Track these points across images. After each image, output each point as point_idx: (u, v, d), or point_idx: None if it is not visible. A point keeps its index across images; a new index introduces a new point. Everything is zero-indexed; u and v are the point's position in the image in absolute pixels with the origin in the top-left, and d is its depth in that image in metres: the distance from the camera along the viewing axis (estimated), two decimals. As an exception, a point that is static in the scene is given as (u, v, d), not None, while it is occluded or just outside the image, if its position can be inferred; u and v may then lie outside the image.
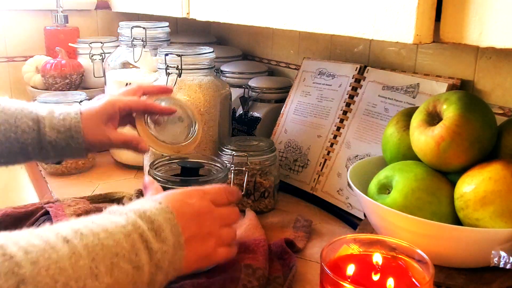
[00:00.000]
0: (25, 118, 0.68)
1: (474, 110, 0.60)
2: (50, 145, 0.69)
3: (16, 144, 0.68)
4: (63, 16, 1.27)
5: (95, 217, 0.47)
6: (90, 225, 0.44)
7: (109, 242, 0.43)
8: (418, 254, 0.50)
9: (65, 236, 0.41)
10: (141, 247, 0.46)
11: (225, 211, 0.59)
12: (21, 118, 0.68)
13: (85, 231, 0.43)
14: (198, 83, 0.87)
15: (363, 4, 0.51)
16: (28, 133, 0.68)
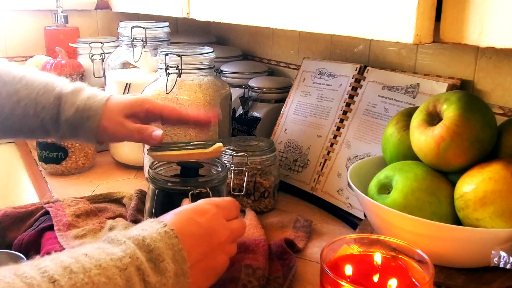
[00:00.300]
0: (47, 94, 0.66)
1: (474, 110, 0.60)
2: (66, 123, 0.67)
3: (35, 120, 0.66)
4: (63, 16, 1.27)
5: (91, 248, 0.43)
6: (82, 260, 0.41)
7: (100, 279, 0.40)
8: (418, 254, 0.50)
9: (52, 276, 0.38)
10: (136, 281, 0.42)
11: (236, 226, 0.57)
12: (43, 94, 0.66)
13: (75, 268, 0.39)
14: (198, 83, 0.87)
15: (363, 4, 0.51)
16: (48, 109, 0.66)
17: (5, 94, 0.65)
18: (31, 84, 0.66)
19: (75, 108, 0.67)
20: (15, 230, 0.75)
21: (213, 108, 0.73)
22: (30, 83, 0.66)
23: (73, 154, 0.99)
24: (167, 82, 0.86)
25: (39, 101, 0.66)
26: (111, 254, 0.42)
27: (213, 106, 0.87)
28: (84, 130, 0.68)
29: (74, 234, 0.71)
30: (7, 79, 0.66)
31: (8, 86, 0.65)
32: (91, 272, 0.40)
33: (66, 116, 0.67)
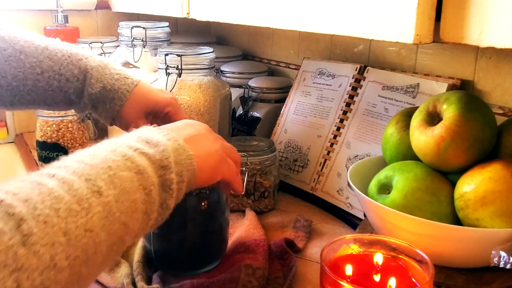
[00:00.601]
0: (71, 66, 0.65)
1: (474, 110, 0.60)
2: (89, 97, 0.66)
3: (59, 93, 0.65)
4: (63, 16, 1.27)
5: None
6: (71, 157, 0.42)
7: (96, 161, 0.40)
8: (418, 254, 0.50)
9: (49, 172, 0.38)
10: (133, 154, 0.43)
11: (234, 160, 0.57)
12: (67, 66, 0.65)
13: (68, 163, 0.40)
14: (198, 83, 0.87)
15: (363, 4, 0.51)
16: (72, 82, 0.65)
17: (28, 65, 0.63)
18: (54, 55, 0.65)
19: (101, 86, 0.65)
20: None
21: None
22: (53, 54, 0.65)
23: (73, 154, 0.99)
24: (167, 82, 0.86)
25: (63, 73, 0.64)
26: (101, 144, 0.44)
27: (213, 106, 0.87)
28: (105, 109, 0.67)
29: (74, 234, 0.71)
30: (29, 50, 0.64)
31: (30, 57, 0.64)
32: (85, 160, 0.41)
33: (91, 91, 0.65)
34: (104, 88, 0.66)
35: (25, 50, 0.64)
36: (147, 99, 0.68)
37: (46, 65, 0.64)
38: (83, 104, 0.67)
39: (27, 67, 0.63)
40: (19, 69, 0.63)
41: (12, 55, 0.63)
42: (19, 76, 0.64)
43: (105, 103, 0.66)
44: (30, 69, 0.64)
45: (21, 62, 0.63)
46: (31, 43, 0.65)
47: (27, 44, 0.65)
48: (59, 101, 0.66)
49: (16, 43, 0.64)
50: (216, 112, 0.88)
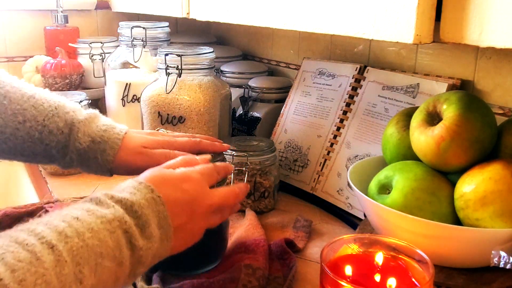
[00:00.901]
0: (56, 118, 0.63)
1: (474, 110, 0.60)
2: (77, 152, 0.63)
3: (39, 145, 0.63)
4: (63, 16, 1.27)
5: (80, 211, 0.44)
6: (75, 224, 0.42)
7: (94, 242, 0.42)
8: (418, 254, 0.50)
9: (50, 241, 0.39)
10: (124, 244, 0.44)
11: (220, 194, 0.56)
12: (52, 117, 0.62)
13: (70, 232, 0.41)
14: (198, 83, 0.87)
15: (363, 4, 0.51)
16: (55, 135, 0.63)
17: (10, 112, 0.61)
18: (40, 104, 0.63)
19: (90, 139, 0.63)
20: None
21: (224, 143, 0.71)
22: (39, 104, 0.63)
23: (73, 154, 0.99)
24: (167, 82, 0.86)
25: (47, 125, 0.62)
26: (101, 217, 0.44)
27: (213, 106, 0.87)
28: (97, 163, 0.64)
29: (74, 234, 0.71)
30: (14, 96, 0.62)
31: (14, 104, 0.62)
32: (85, 236, 0.42)
33: (79, 146, 0.63)
34: (93, 142, 0.63)
35: (10, 95, 0.62)
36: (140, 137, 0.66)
37: (29, 114, 0.62)
38: (68, 159, 0.64)
39: (9, 114, 0.61)
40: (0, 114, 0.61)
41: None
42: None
43: (97, 157, 0.63)
44: (12, 116, 0.61)
45: (3, 107, 0.61)
46: (18, 89, 0.63)
47: (13, 90, 0.62)
48: (38, 153, 0.63)
49: (2, 88, 0.62)
50: (216, 112, 0.88)
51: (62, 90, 1.18)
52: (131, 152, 0.64)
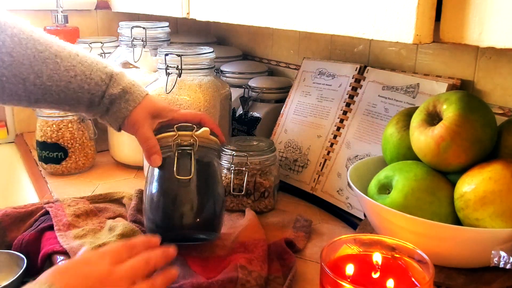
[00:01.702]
0: (99, 72, 0.71)
1: (474, 110, 0.60)
2: (109, 98, 0.72)
3: (86, 94, 0.71)
4: (63, 16, 1.27)
5: None
6: None
7: None
8: (418, 254, 0.50)
9: None
10: None
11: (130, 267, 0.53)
12: (96, 71, 0.71)
13: None
14: (198, 83, 0.87)
15: (363, 4, 0.51)
16: (100, 85, 0.71)
17: (63, 68, 0.69)
18: (85, 61, 0.71)
19: (121, 87, 0.72)
20: (15, 230, 0.75)
21: None
22: (84, 60, 0.71)
23: (73, 154, 0.99)
24: (167, 82, 0.86)
25: (93, 77, 0.71)
26: None
27: (213, 106, 0.87)
28: (118, 109, 0.72)
29: (74, 234, 0.71)
30: (63, 54, 0.70)
31: (65, 61, 0.70)
32: None
33: (112, 92, 0.71)
34: (123, 90, 0.72)
35: (60, 54, 0.70)
36: (155, 105, 0.74)
37: (79, 69, 0.70)
38: (102, 105, 0.72)
39: (62, 70, 0.69)
40: (55, 71, 0.69)
41: (49, 58, 0.69)
42: (54, 77, 0.69)
43: (120, 103, 0.72)
44: (65, 72, 0.69)
45: (57, 64, 0.69)
46: (63, 48, 0.71)
47: (60, 48, 0.71)
48: (83, 102, 0.72)
49: (51, 47, 0.70)
50: (216, 112, 0.88)
51: (62, 90, 1.18)
52: (141, 116, 0.72)
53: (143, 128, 0.72)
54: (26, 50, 0.67)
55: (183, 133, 0.70)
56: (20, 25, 0.70)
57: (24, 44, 0.68)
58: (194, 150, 0.70)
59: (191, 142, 0.70)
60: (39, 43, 0.69)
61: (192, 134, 0.70)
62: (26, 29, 0.69)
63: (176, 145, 0.69)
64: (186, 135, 0.70)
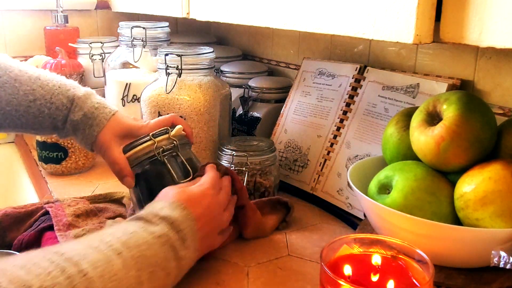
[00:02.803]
0: (61, 96, 0.71)
1: (474, 110, 0.60)
2: (71, 123, 0.71)
3: (47, 119, 0.71)
4: (63, 16, 1.27)
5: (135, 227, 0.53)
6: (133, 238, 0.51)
7: (149, 253, 0.51)
8: (418, 254, 0.50)
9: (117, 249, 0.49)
10: (172, 257, 0.54)
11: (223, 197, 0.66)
12: (57, 95, 0.71)
13: (131, 243, 0.50)
14: (198, 83, 0.87)
15: (363, 4, 0.51)
16: (61, 110, 0.71)
17: (22, 93, 0.69)
18: (46, 85, 0.71)
19: (83, 113, 0.71)
20: (15, 230, 0.75)
21: None
22: (45, 84, 0.71)
23: (73, 154, 0.99)
24: (167, 82, 0.86)
25: (54, 101, 0.70)
26: (152, 232, 0.53)
27: (213, 106, 0.87)
28: (84, 135, 0.72)
29: (74, 234, 0.71)
30: (23, 78, 0.70)
31: (24, 85, 0.70)
32: (142, 247, 0.51)
33: (73, 118, 0.71)
34: (84, 116, 0.71)
35: (19, 78, 0.70)
36: (123, 125, 0.72)
37: (38, 93, 0.70)
38: (66, 130, 0.73)
39: (21, 94, 0.69)
40: (13, 95, 0.69)
41: (7, 82, 0.69)
42: (13, 102, 0.69)
43: (84, 129, 0.71)
44: (24, 96, 0.69)
45: (15, 89, 0.69)
46: (25, 72, 0.71)
47: (21, 73, 0.71)
48: (45, 126, 0.72)
49: (11, 71, 0.70)
50: (216, 112, 0.88)
51: (62, 90, 1.18)
52: (108, 138, 0.71)
53: (109, 151, 0.70)
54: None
55: (160, 139, 0.69)
56: None
57: None
58: (178, 151, 0.69)
59: (172, 144, 0.69)
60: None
61: (169, 136, 0.69)
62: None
63: (162, 152, 0.68)
64: (163, 139, 0.69)
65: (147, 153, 0.69)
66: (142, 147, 0.69)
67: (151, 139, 0.69)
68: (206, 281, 0.63)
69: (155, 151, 0.68)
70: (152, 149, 0.68)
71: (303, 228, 0.79)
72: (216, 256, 0.69)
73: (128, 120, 0.74)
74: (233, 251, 0.71)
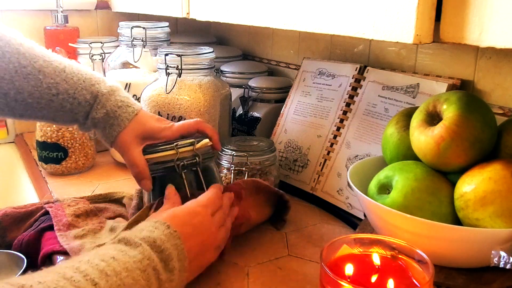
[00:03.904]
0: (84, 91, 0.69)
1: (474, 110, 0.60)
2: (92, 120, 0.70)
3: (69, 113, 0.69)
4: (63, 16, 1.27)
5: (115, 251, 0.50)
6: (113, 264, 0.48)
7: (129, 281, 0.48)
8: (418, 254, 0.50)
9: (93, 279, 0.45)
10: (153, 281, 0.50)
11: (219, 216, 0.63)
12: (81, 90, 0.69)
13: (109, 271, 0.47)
14: (198, 83, 0.87)
15: (363, 4, 0.51)
16: (83, 106, 0.69)
17: (45, 86, 0.67)
18: (70, 78, 0.68)
19: (105, 111, 0.69)
20: (15, 230, 0.75)
21: None
22: (70, 78, 0.68)
23: (73, 154, 0.99)
24: (167, 82, 0.86)
25: (77, 97, 0.68)
26: (133, 257, 0.50)
27: (213, 106, 0.87)
28: (104, 133, 0.71)
29: (74, 234, 0.71)
30: (47, 70, 0.68)
31: (48, 78, 0.67)
32: (122, 275, 0.47)
33: (94, 115, 0.70)
34: (106, 114, 0.70)
35: (44, 69, 0.67)
36: (145, 127, 0.71)
37: (62, 87, 0.68)
38: (87, 125, 0.71)
39: (44, 87, 0.67)
40: (36, 87, 0.67)
41: (31, 73, 0.66)
42: (35, 94, 0.67)
43: (105, 128, 0.70)
44: (47, 89, 0.67)
45: (39, 81, 0.67)
46: (50, 63, 0.68)
47: (46, 64, 0.68)
48: (66, 120, 0.70)
49: (35, 62, 0.67)
50: (216, 112, 0.88)
51: (62, 90, 1.18)
52: (131, 139, 0.70)
53: (130, 152, 0.69)
54: (9, 64, 0.65)
55: (183, 150, 0.68)
56: (9, 37, 0.66)
57: (8, 57, 0.65)
58: (199, 166, 0.68)
59: (194, 160, 0.68)
60: (24, 57, 0.66)
61: (193, 149, 0.68)
62: (14, 42, 0.66)
63: (182, 166, 0.67)
64: (187, 151, 0.68)
65: (167, 161, 0.68)
66: (163, 154, 0.69)
67: (174, 149, 0.68)
68: (206, 281, 0.63)
69: (175, 163, 0.67)
70: (174, 159, 0.68)
71: (303, 228, 0.79)
72: (216, 256, 0.69)
73: (151, 121, 0.72)
74: (233, 251, 0.71)
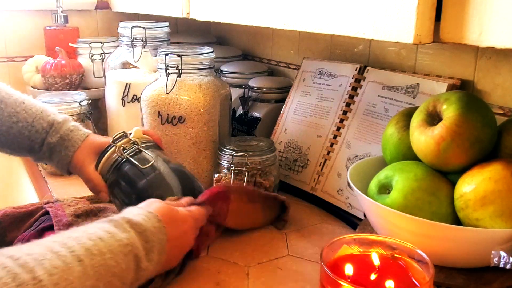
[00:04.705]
0: (41, 120, 0.76)
1: (474, 110, 0.60)
2: (48, 146, 0.75)
3: (26, 141, 0.75)
4: (63, 16, 1.27)
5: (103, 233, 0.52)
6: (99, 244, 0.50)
7: (111, 262, 0.50)
8: (418, 254, 0.50)
9: (79, 256, 0.48)
10: (133, 267, 0.53)
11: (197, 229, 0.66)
12: (39, 120, 0.76)
13: (95, 250, 0.49)
14: (198, 83, 0.87)
15: (363, 4, 0.51)
16: (40, 133, 0.75)
17: (6, 114, 0.75)
18: (29, 109, 0.76)
19: (59, 136, 0.75)
20: (15, 230, 0.75)
21: None
22: (28, 108, 0.76)
23: (73, 154, 0.99)
24: (167, 82, 0.86)
25: (35, 125, 0.75)
26: (119, 240, 0.52)
27: (213, 106, 0.87)
28: (60, 157, 0.75)
29: (74, 234, 0.71)
30: (9, 101, 0.76)
31: (9, 108, 0.75)
32: (106, 256, 0.50)
33: (50, 140, 0.75)
34: (61, 138, 0.75)
35: (5, 100, 0.75)
36: (97, 143, 0.77)
37: (21, 116, 0.75)
38: (42, 152, 0.76)
39: (5, 115, 0.75)
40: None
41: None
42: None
43: (61, 151, 0.75)
44: (7, 117, 0.75)
45: (1, 110, 0.74)
46: (11, 95, 0.77)
47: (7, 95, 0.76)
48: (22, 147, 0.76)
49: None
50: (216, 112, 0.88)
51: (62, 90, 1.18)
52: (84, 158, 0.75)
53: (84, 169, 0.74)
54: None
55: (121, 143, 0.73)
56: None
57: None
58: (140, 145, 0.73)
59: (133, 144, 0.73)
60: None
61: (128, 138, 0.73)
62: None
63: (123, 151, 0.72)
64: (125, 142, 0.73)
65: (113, 158, 0.73)
66: (107, 155, 0.74)
67: (113, 146, 0.73)
68: (206, 281, 0.63)
69: (118, 154, 0.72)
70: (116, 153, 0.73)
71: (303, 228, 0.79)
72: (216, 256, 0.69)
73: (101, 138, 0.78)
74: (233, 251, 0.71)
